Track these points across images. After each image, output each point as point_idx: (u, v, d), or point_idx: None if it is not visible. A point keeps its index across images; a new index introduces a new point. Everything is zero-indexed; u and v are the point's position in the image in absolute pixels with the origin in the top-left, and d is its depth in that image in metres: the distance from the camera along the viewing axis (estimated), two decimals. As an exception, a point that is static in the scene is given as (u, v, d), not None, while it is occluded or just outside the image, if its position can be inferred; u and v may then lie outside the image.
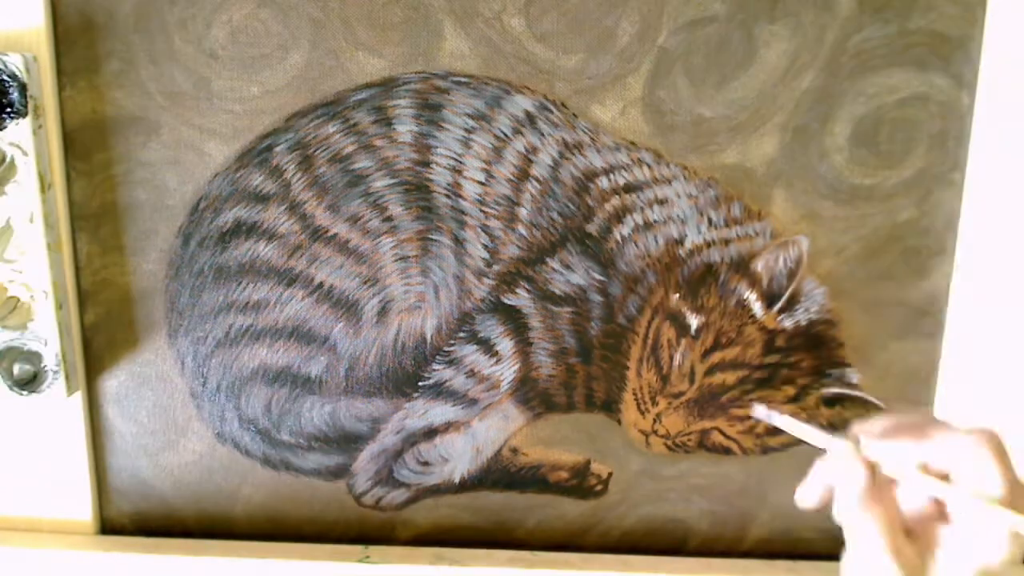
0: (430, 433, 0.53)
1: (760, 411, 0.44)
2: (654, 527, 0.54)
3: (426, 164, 0.50)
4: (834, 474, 0.40)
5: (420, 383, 0.52)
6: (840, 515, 0.40)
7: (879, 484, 0.39)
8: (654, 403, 0.52)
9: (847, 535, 0.40)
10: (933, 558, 0.38)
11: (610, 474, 0.54)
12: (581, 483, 0.54)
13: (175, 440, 0.54)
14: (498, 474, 0.53)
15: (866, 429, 0.41)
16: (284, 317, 0.52)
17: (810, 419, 0.52)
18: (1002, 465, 0.37)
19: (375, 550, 0.53)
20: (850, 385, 0.52)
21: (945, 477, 0.39)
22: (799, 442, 0.53)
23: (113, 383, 0.53)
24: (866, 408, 0.52)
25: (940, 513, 0.40)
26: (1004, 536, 0.36)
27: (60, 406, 0.52)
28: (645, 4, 0.48)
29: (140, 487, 0.54)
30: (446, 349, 0.52)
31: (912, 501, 0.40)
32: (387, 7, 0.48)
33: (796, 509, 0.55)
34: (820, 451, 0.54)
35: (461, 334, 0.52)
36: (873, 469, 0.39)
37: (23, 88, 0.46)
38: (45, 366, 0.49)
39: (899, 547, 0.38)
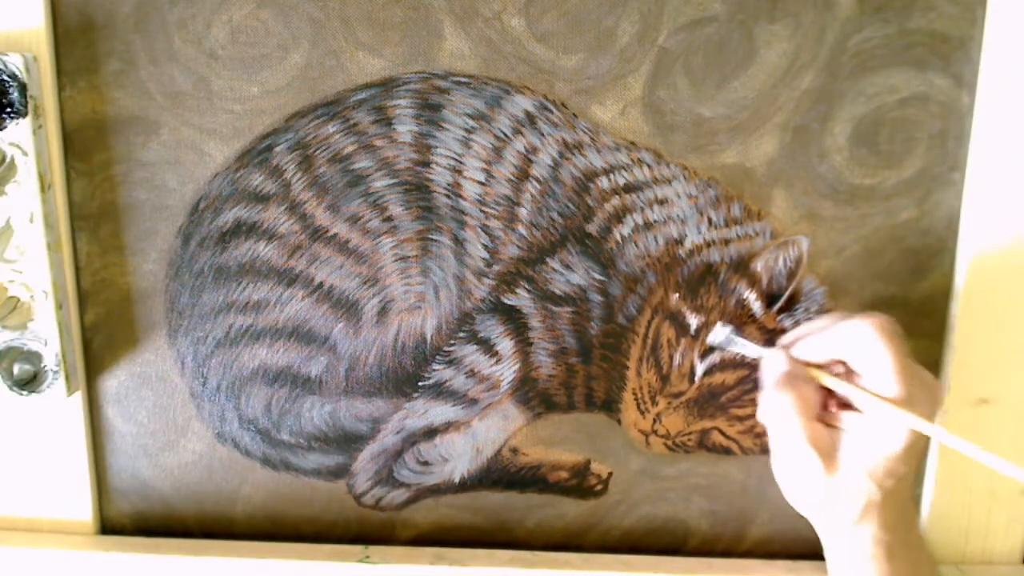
0: (430, 433, 0.53)
1: (720, 333, 0.47)
2: (654, 527, 0.54)
3: (426, 164, 0.50)
4: (762, 374, 0.46)
5: (420, 383, 0.52)
6: (762, 405, 0.44)
7: (796, 376, 0.43)
8: (654, 403, 0.52)
9: (769, 428, 0.43)
10: (844, 444, 0.41)
11: (610, 474, 0.54)
12: (581, 483, 0.54)
13: (175, 440, 0.54)
14: (498, 474, 0.53)
15: (788, 335, 0.47)
16: (284, 317, 0.52)
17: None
18: (891, 349, 0.40)
19: (375, 550, 0.53)
20: (850, 385, 0.52)
21: (846, 365, 0.43)
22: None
23: (113, 383, 0.53)
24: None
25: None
26: (900, 429, 0.39)
27: (60, 406, 0.52)
28: (645, 4, 0.48)
29: (140, 487, 0.54)
30: (446, 349, 0.52)
31: (830, 393, 0.44)
32: (387, 7, 0.48)
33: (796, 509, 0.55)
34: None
35: (461, 334, 0.52)
36: (792, 363, 0.43)
37: (23, 88, 0.46)
38: (45, 366, 0.49)
39: (813, 431, 0.42)
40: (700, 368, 0.50)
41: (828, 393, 0.45)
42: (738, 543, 0.55)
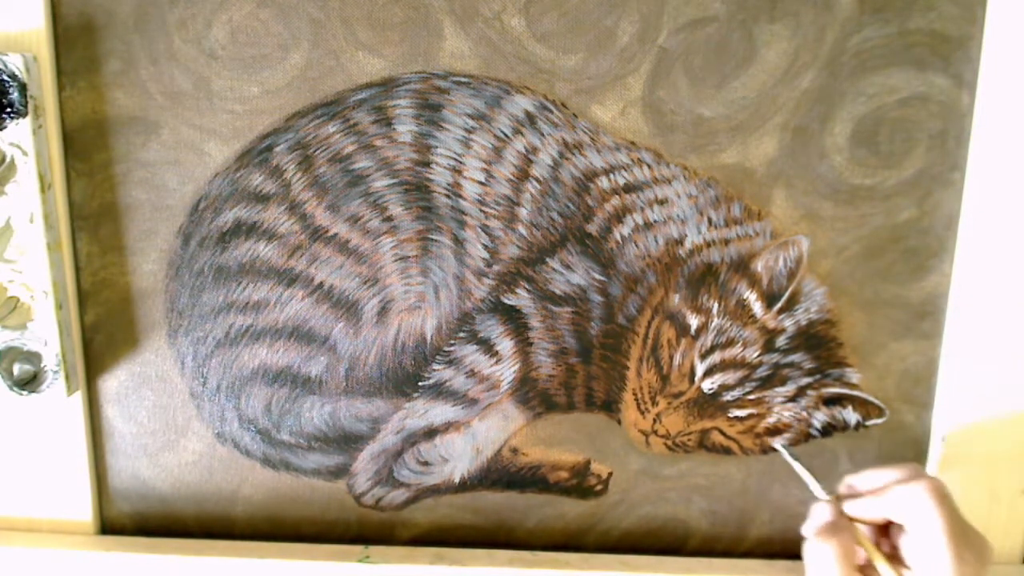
0: (430, 433, 0.53)
1: (779, 446, 0.49)
2: (654, 527, 0.54)
3: (426, 164, 0.50)
4: (809, 519, 0.46)
5: (420, 383, 0.52)
6: (806, 548, 0.44)
7: (843, 526, 0.44)
8: (654, 403, 0.52)
9: (807, 567, 0.44)
10: None
11: (610, 474, 0.54)
12: (581, 483, 0.54)
13: (175, 440, 0.54)
14: (498, 474, 0.53)
15: (845, 484, 0.47)
16: (284, 317, 0.52)
17: (810, 417, 0.52)
18: (944, 517, 0.42)
19: (375, 550, 0.53)
20: (850, 385, 0.52)
21: (900, 527, 0.44)
22: (798, 442, 0.53)
23: (113, 383, 0.53)
24: (866, 408, 0.52)
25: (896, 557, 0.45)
26: None
27: (60, 406, 0.52)
28: (645, 4, 0.48)
29: (140, 487, 0.54)
30: (446, 349, 0.52)
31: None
32: (387, 7, 0.48)
33: (796, 509, 0.56)
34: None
35: (461, 334, 0.52)
36: (838, 515, 0.44)
37: (23, 88, 0.46)
38: (45, 366, 0.49)
39: None
40: (700, 368, 0.50)
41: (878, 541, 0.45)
42: (738, 543, 0.55)
